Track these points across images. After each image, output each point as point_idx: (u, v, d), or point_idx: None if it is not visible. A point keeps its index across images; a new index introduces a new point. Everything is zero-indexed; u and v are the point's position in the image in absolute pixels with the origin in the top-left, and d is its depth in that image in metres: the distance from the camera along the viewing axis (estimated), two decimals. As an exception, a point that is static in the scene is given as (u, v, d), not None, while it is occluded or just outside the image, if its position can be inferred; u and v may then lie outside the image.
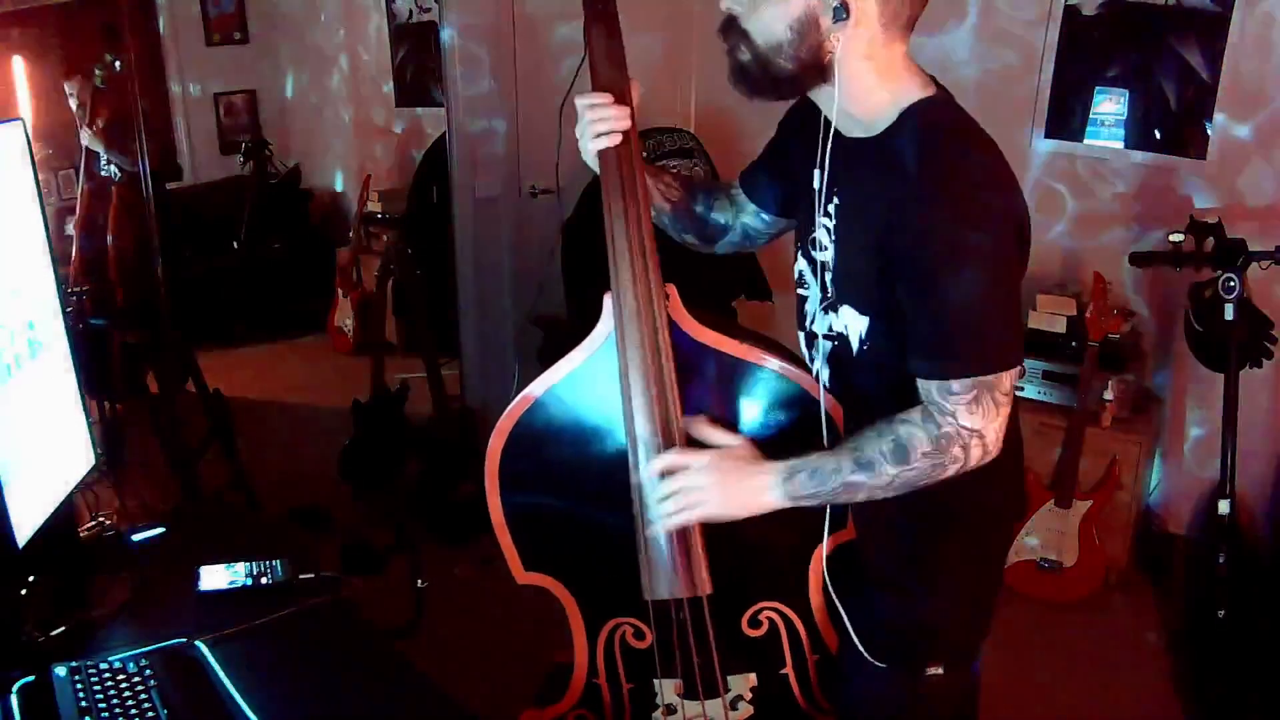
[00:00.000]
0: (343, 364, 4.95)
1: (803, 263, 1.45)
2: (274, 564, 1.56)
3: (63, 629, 1.42)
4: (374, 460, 3.59)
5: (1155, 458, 3.23)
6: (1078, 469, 2.95)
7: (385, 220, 4.72)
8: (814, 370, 1.44)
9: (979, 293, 1.21)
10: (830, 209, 1.35)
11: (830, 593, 1.44)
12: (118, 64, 3.73)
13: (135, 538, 1.68)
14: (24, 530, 1.41)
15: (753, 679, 1.54)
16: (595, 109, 1.37)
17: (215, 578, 1.54)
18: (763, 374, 1.41)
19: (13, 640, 1.37)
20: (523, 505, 1.47)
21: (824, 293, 1.40)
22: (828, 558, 1.43)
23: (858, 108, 1.28)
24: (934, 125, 1.25)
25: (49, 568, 1.49)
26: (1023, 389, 3.09)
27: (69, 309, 1.71)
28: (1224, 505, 2.68)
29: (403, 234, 3.97)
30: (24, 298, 1.47)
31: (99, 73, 3.83)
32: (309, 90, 5.90)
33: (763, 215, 1.57)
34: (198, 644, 1.39)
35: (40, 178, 1.51)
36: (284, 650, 1.43)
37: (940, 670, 1.43)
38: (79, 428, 1.64)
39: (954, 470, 1.27)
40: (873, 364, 1.34)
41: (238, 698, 1.29)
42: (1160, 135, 3.07)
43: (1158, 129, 3.07)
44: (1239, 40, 2.85)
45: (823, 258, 1.39)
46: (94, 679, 1.27)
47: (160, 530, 1.70)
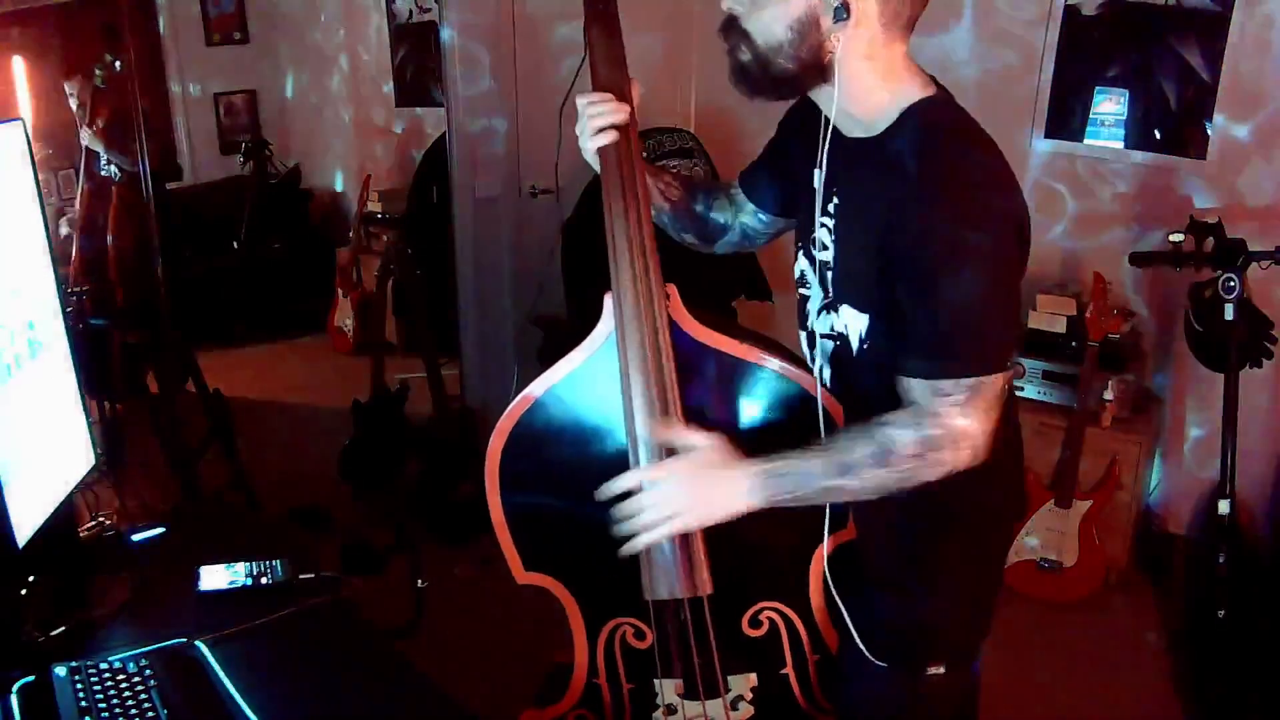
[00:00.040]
0: (343, 364, 4.95)
1: (803, 262, 1.45)
2: (274, 564, 1.56)
3: (63, 629, 1.42)
4: (374, 460, 3.59)
5: (1155, 458, 3.23)
6: (1078, 469, 2.95)
7: (385, 220, 4.72)
8: (815, 370, 1.44)
9: (978, 293, 1.21)
10: (830, 208, 1.35)
11: (832, 592, 1.44)
12: (118, 64, 3.72)
13: (135, 538, 1.67)
14: (24, 530, 1.41)
15: (753, 679, 1.54)
16: (595, 106, 1.37)
17: (215, 578, 1.54)
18: (763, 374, 1.41)
19: (13, 640, 1.37)
20: (523, 505, 1.47)
21: (825, 292, 1.40)
22: (828, 557, 1.43)
23: (858, 108, 1.28)
24: (934, 125, 1.25)
25: (49, 568, 1.49)
26: (1023, 389, 3.09)
27: (69, 309, 1.71)
28: (1224, 505, 2.69)
29: (403, 234, 3.97)
30: (24, 298, 1.47)
31: (99, 73, 3.82)
32: (309, 90, 5.90)
33: (761, 215, 1.57)
34: (198, 644, 1.39)
35: (40, 178, 1.51)
36: (284, 650, 1.42)
37: (941, 670, 1.43)
38: (79, 428, 1.63)
39: (940, 473, 1.25)
40: (873, 363, 1.34)
41: (238, 698, 1.29)
42: (1160, 135, 3.07)
43: (1158, 129, 3.07)
44: (1239, 40, 2.85)
45: (823, 257, 1.39)
46: (94, 679, 1.27)
47: (160, 530, 1.70)
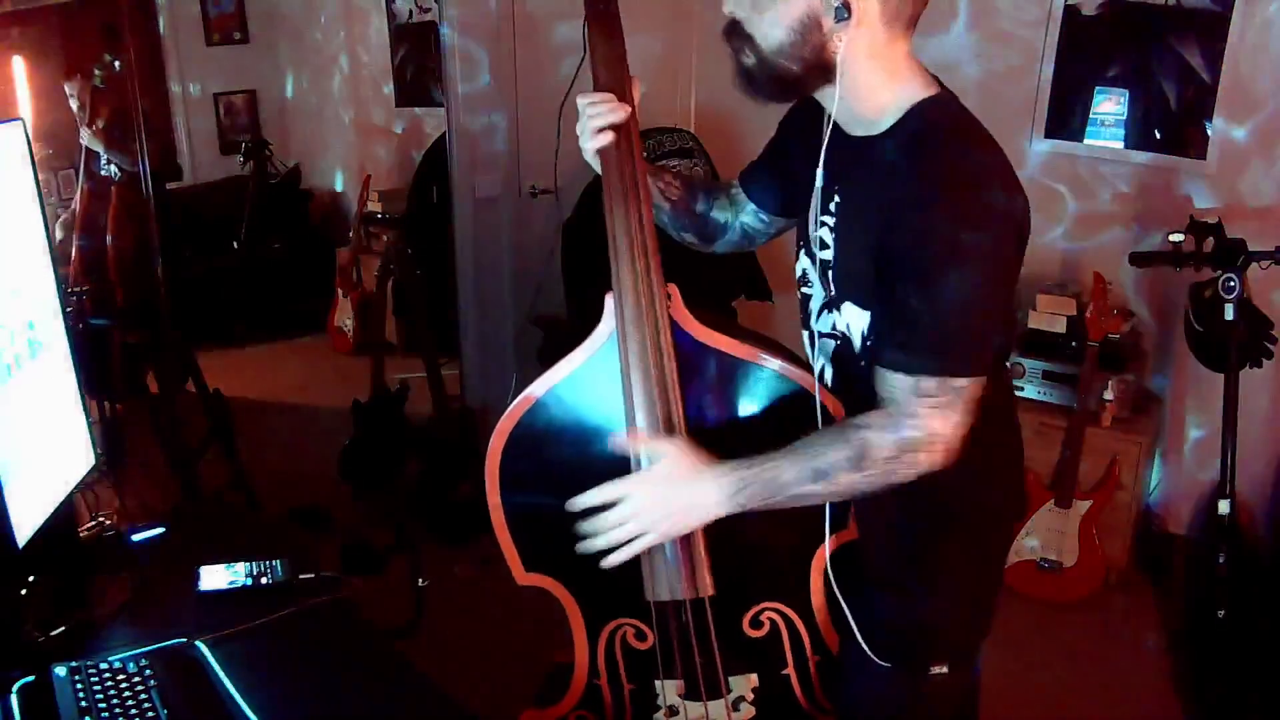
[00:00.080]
0: (343, 364, 4.94)
1: (805, 261, 1.45)
2: (274, 564, 1.56)
3: (63, 629, 1.41)
4: (374, 460, 3.59)
5: (1155, 458, 3.23)
6: (1078, 469, 2.95)
7: (385, 220, 4.71)
8: (817, 369, 1.43)
9: (973, 295, 1.21)
10: (832, 207, 1.35)
11: (835, 592, 1.44)
12: (118, 64, 3.72)
13: (135, 538, 1.67)
14: (24, 530, 1.41)
15: (754, 680, 1.54)
16: (595, 106, 1.37)
17: (215, 578, 1.54)
18: (764, 374, 1.40)
19: (13, 640, 1.37)
20: (523, 506, 1.47)
21: (826, 291, 1.40)
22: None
23: (861, 106, 1.28)
24: (935, 124, 1.25)
25: (49, 568, 1.49)
26: (1023, 389, 3.09)
27: (69, 309, 1.71)
28: (1224, 505, 2.68)
29: (403, 234, 3.96)
30: (24, 298, 1.47)
31: (99, 73, 3.82)
32: (309, 90, 5.90)
33: (761, 215, 1.57)
34: (198, 644, 1.39)
35: (40, 178, 1.51)
36: (284, 650, 1.42)
37: (945, 670, 1.43)
38: (79, 428, 1.63)
39: (913, 474, 1.25)
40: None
41: (238, 698, 1.29)
42: (1160, 135, 3.07)
43: (1158, 129, 3.07)
44: (1239, 41, 2.85)
45: (824, 256, 1.38)
46: (94, 679, 1.27)
47: (160, 530, 1.70)
